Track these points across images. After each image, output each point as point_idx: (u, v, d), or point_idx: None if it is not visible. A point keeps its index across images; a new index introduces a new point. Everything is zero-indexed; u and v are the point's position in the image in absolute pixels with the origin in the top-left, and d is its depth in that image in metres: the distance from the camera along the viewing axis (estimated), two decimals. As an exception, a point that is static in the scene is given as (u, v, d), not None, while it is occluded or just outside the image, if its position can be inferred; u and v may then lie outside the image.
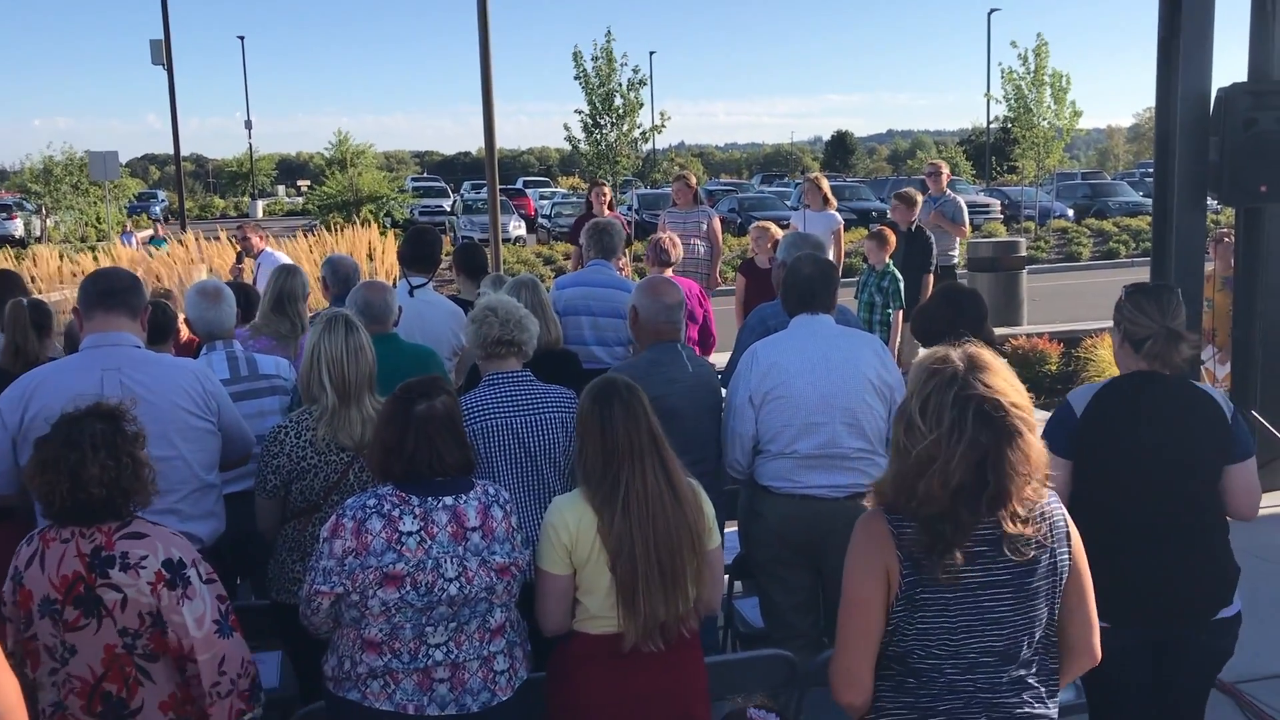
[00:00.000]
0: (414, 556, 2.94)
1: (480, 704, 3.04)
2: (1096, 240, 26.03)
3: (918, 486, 2.37)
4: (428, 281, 5.85)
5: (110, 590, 2.81)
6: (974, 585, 2.40)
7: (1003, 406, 2.35)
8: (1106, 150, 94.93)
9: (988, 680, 2.44)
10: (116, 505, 2.86)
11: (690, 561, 3.11)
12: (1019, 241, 16.41)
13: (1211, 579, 3.43)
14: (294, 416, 3.79)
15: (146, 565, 2.84)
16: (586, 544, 3.07)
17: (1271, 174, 6.82)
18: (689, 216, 9.63)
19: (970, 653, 2.43)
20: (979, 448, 2.32)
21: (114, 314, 3.64)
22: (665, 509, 3.09)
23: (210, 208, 56.87)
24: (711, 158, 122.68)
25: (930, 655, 2.43)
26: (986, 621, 2.42)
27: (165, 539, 2.92)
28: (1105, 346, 10.84)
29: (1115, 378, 3.53)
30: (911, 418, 2.41)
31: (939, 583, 2.38)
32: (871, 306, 8.43)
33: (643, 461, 3.10)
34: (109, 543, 2.84)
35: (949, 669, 2.44)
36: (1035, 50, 26.03)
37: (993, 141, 41.78)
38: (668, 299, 4.35)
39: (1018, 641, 2.45)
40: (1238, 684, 4.57)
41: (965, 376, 2.38)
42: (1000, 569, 2.41)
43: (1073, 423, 3.43)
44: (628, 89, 24.19)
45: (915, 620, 2.42)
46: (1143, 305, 3.47)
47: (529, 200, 41.51)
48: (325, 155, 42.84)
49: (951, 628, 2.41)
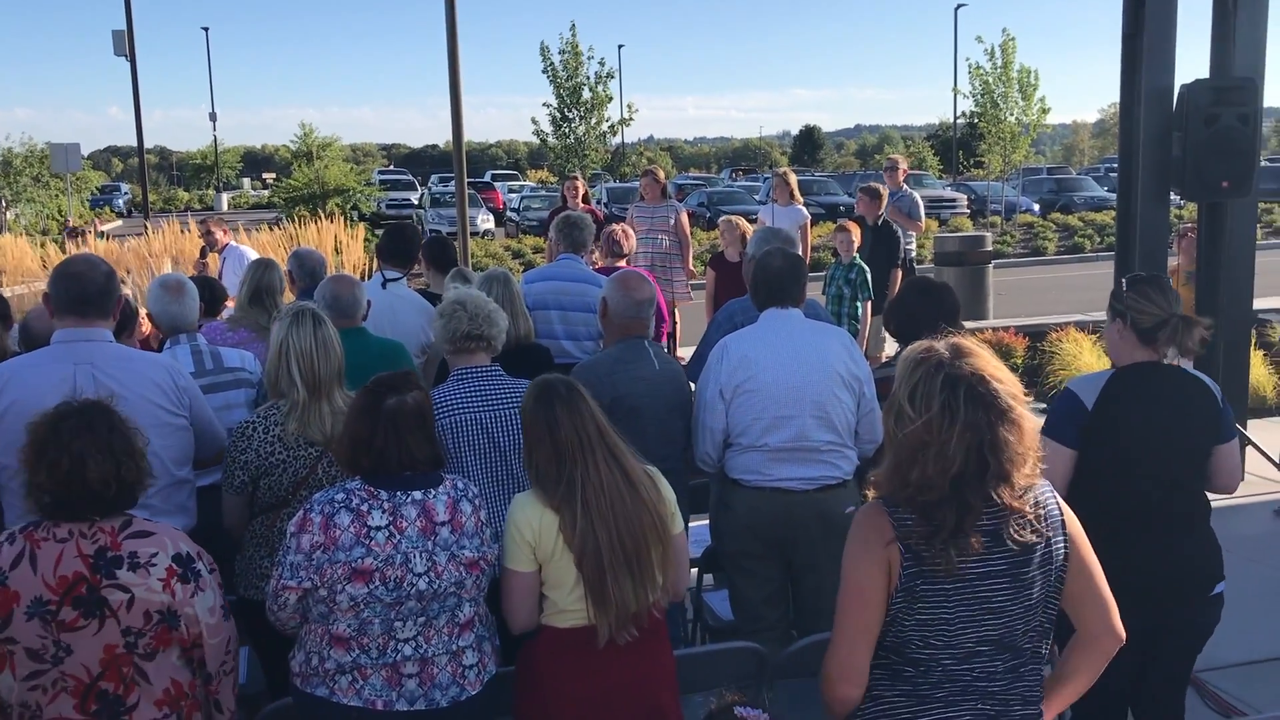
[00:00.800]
0: (383, 551, 2.92)
1: (449, 699, 3.03)
2: (1062, 235, 26.25)
3: (912, 474, 2.36)
4: (402, 276, 5.82)
5: (117, 591, 2.78)
6: (973, 577, 2.40)
7: (992, 385, 2.35)
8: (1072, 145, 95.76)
9: (984, 669, 2.47)
10: (115, 499, 2.82)
11: (655, 548, 3.13)
12: (985, 236, 16.53)
13: (1208, 557, 3.52)
14: (261, 412, 3.76)
15: (157, 562, 2.82)
16: (549, 540, 3.07)
17: (1233, 169, 6.90)
18: (657, 211, 9.63)
19: (967, 642, 2.44)
20: (975, 429, 2.32)
21: (88, 319, 3.62)
22: (623, 499, 3.09)
23: (174, 201, 56.18)
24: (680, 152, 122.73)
25: (928, 645, 2.44)
26: (984, 612, 2.42)
27: (171, 535, 2.91)
28: (1070, 340, 10.93)
29: (1120, 369, 3.52)
30: (900, 406, 2.40)
31: (939, 574, 2.37)
32: (840, 299, 8.46)
33: (594, 455, 3.11)
34: (115, 543, 2.80)
35: (945, 658, 2.45)
36: (1002, 46, 26.22)
37: (959, 137, 42.05)
38: (638, 295, 4.35)
39: (1013, 630, 2.46)
40: (1199, 673, 4.64)
41: (952, 361, 2.38)
42: (998, 559, 2.41)
43: (1083, 415, 3.44)
44: (595, 83, 24.21)
45: (914, 612, 2.42)
46: (1149, 294, 3.50)
47: (498, 194, 41.35)
48: (291, 148, 42.60)
49: (950, 619, 2.41)
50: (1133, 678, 3.56)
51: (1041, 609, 2.49)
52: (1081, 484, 3.45)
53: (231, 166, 71.73)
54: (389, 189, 41.11)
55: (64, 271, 3.65)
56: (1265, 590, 5.75)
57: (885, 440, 2.51)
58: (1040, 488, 2.48)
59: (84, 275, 3.61)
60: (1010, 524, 2.38)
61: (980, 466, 2.34)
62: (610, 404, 4.12)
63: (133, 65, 29.54)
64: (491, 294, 4.91)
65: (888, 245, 9.31)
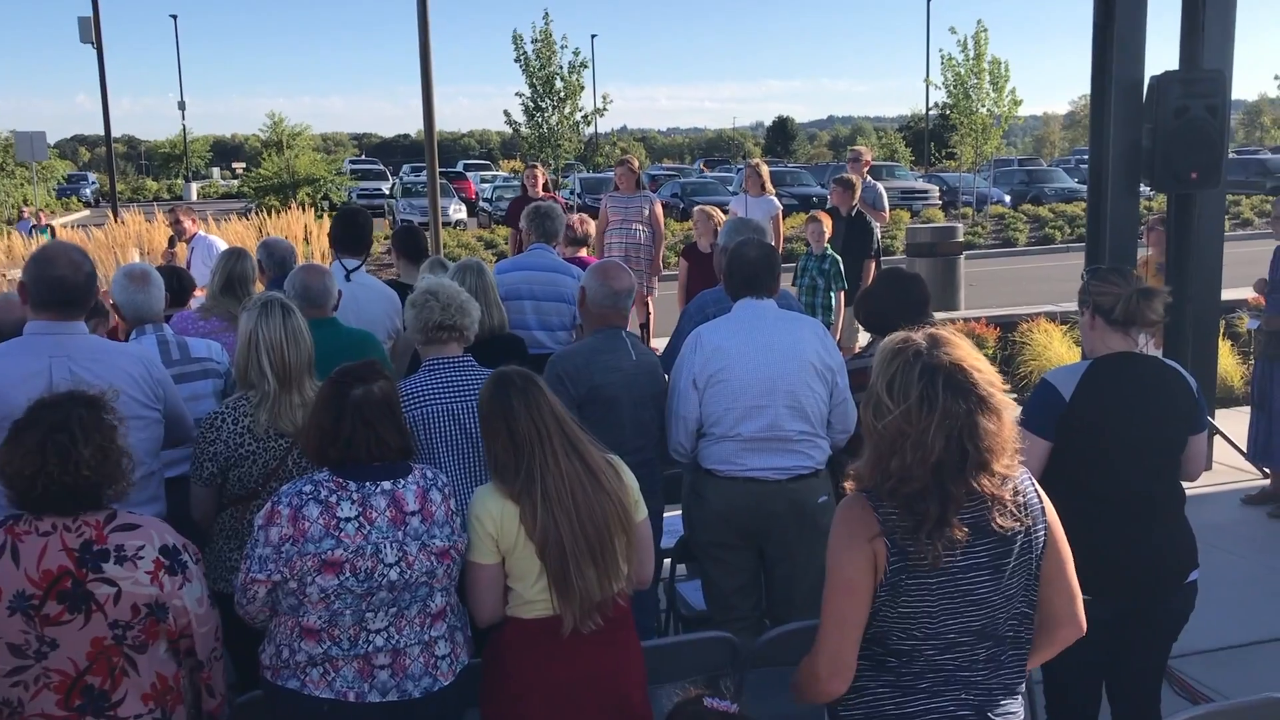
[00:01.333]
0: (353, 542, 2.90)
1: (422, 689, 3.02)
2: (1032, 226, 26.40)
3: (891, 464, 2.36)
4: (361, 264, 5.77)
5: (103, 585, 2.74)
6: (956, 571, 2.40)
7: (971, 374, 2.36)
8: (1042, 137, 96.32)
9: (966, 658, 2.48)
10: (99, 493, 2.79)
11: (619, 536, 3.12)
12: (957, 227, 16.62)
13: (1183, 545, 3.56)
14: (230, 403, 3.72)
15: (144, 555, 2.79)
16: (511, 532, 3.05)
17: (1202, 161, 6.96)
18: (631, 201, 9.62)
19: (949, 633, 2.45)
20: (954, 417, 2.32)
21: (66, 315, 3.59)
22: (584, 488, 3.08)
23: (143, 190, 55.69)
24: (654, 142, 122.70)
25: (910, 637, 2.45)
26: (966, 603, 2.43)
27: (157, 527, 2.89)
28: (1041, 331, 11.01)
29: (1096, 359, 3.54)
30: (879, 397, 2.40)
31: (924, 568, 2.37)
32: (814, 290, 8.49)
33: (551, 445, 3.09)
34: (100, 536, 2.77)
35: (927, 649, 2.46)
36: (975, 37, 26.31)
37: (931, 128, 42.21)
38: (617, 285, 4.34)
39: (995, 619, 2.47)
40: (1170, 659, 4.68)
41: (930, 350, 2.38)
42: (981, 550, 2.42)
43: (1060, 406, 3.46)
44: (569, 72, 24.11)
45: (897, 604, 2.42)
46: (1107, 277, 3.57)
47: (469, 183, 41.23)
48: (261, 137, 42.29)
49: (932, 611, 2.42)
50: (1108, 665, 3.59)
51: (1022, 596, 2.51)
52: (1059, 474, 3.46)
53: (201, 156, 71.19)
54: (360, 178, 40.97)
55: (47, 271, 3.57)
56: (1231, 578, 5.82)
57: (865, 432, 2.49)
58: (1020, 476, 2.48)
59: (67, 279, 3.57)
60: (992, 512, 2.39)
61: (960, 455, 2.34)
62: (587, 393, 4.12)
63: (99, 53, 29.17)
64: (465, 284, 4.88)
65: (861, 236, 9.34)
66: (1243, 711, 3.12)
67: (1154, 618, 3.57)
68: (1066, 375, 3.52)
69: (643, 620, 3.86)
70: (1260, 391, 7.05)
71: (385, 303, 5.52)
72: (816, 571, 3.94)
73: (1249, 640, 5.15)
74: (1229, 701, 3.23)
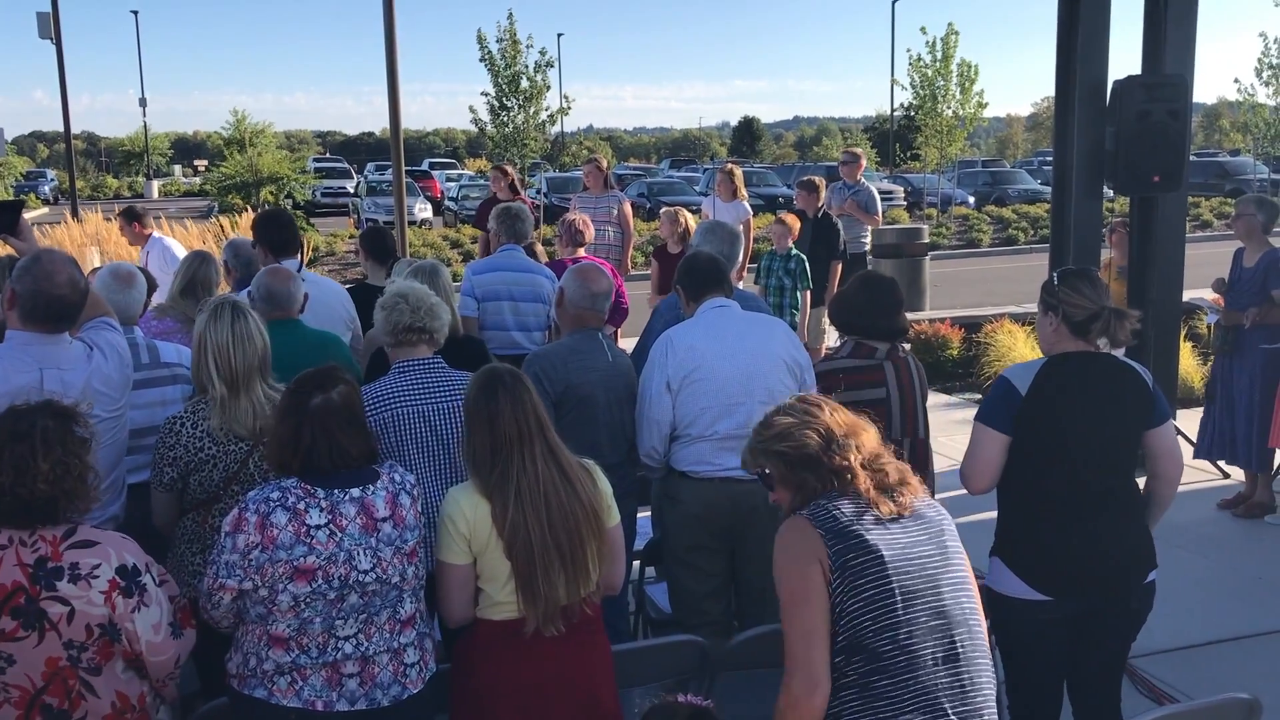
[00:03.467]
0: (325, 549, 2.87)
1: (391, 698, 2.99)
2: (996, 227, 26.62)
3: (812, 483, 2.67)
4: (301, 264, 5.69)
5: (56, 604, 2.67)
6: (898, 546, 2.57)
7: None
8: (1006, 138, 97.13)
9: (944, 649, 2.52)
10: (57, 508, 2.72)
11: (591, 542, 3.12)
12: (922, 228, 16.73)
13: (1142, 544, 3.58)
14: (189, 406, 3.68)
15: (99, 575, 2.71)
16: (484, 532, 3.05)
17: (1164, 164, 7.04)
18: (600, 201, 9.59)
19: (919, 618, 2.51)
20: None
21: (56, 331, 3.52)
22: (558, 493, 3.08)
23: (103, 188, 55.00)
24: (620, 142, 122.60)
25: (881, 632, 2.48)
26: (922, 580, 2.55)
27: (116, 544, 2.80)
28: (1005, 331, 11.10)
29: (1054, 356, 3.56)
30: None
31: (866, 543, 2.54)
32: (781, 290, 8.50)
33: (532, 448, 3.09)
34: (55, 553, 2.70)
35: (903, 636, 2.49)
36: (944, 39, 26.47)
37: (896, 129, 42.44)
38: (596, 287, 4.34)
39: (959, 601, 2.60)
40: (1130, 659, 4.73)
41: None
42: (916, 529, 2.65)
43: (1017, 401, 3.49)
44: (534, 71, 24.02)
45: (857, 591, 2.50)
46: (1080, 288, 3.56)
47: (435, 182, 41.05)
48: (223, 135, 41.84)
49: (892, 590, 2.51)
50: (1068, 664, 3.62)
51: (971, 584, 2.65)
52: (1016, 469, 3.51)
53: (162, 153, 70.28)
54: (324, 177, 40.61)
55: (45, 289, 3.46)
56: (1195, 577, 5.89)
57: (783, 488, 2.78)
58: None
59: (66, 299, 3.50)
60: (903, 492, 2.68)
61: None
62: (563, 393, 4.12)
63: (58, 48, 28.81)
64: None
65: (827, 238, 9.36)
66: (1206, 712, 3.15)
67: (1114, 616, 3.60)
68: (1023, 371, 3.55)
69: (613, 623, 3.85)
70: (1222, 387, 7.11)
71: (337, 299, 5.44)
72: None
73: (1212, 639, 5.21)
74: (1193, 702, 3.26)
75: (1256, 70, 29.78)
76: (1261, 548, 6.42)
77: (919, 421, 4.33)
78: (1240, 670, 4.88)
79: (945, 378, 11.17)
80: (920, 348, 11.35)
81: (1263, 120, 30.49)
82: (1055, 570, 3.46)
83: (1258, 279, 6.78)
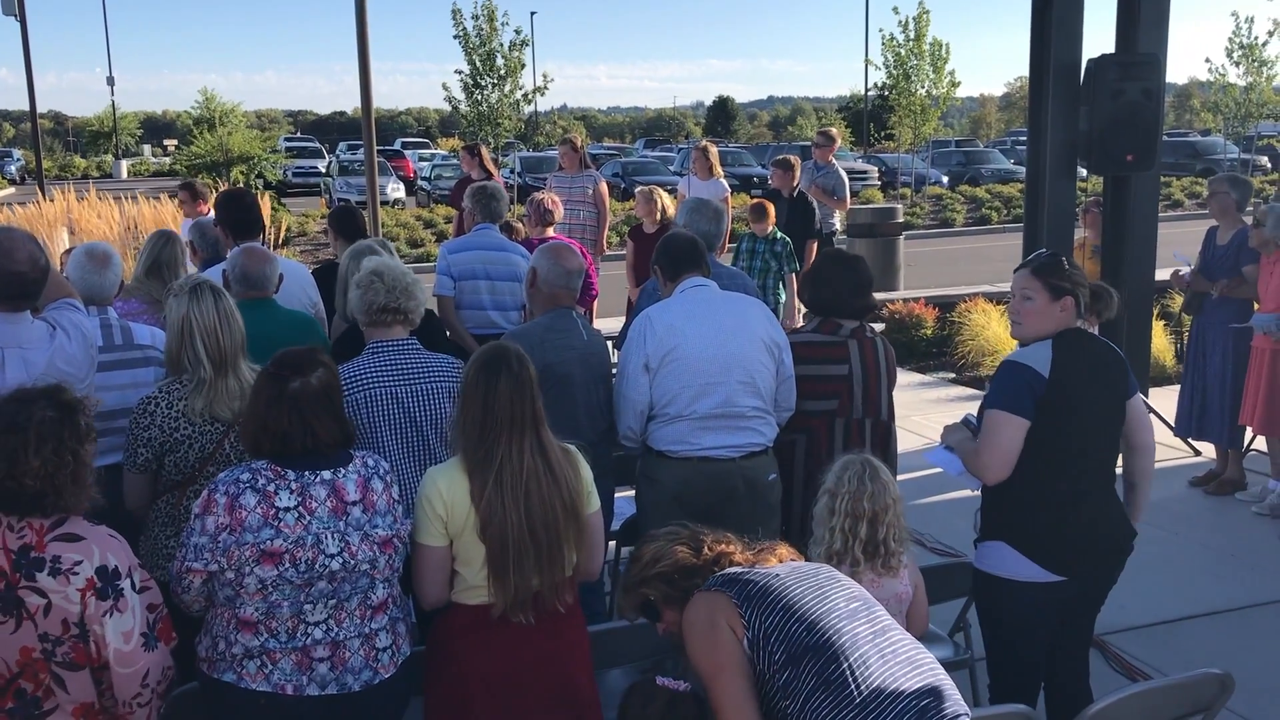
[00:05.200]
0: (293, 533, 2.84)
1: (362, 683, 2.96)
2: (970, 207, 26.71)
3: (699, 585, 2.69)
4: (262, 245, 5.61)
5: (34, 595, 2.63)
6: (787, 569, 2.67)
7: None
8: (979, 118, 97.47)
9: (868, 630, 2.52)
10: (45, 502, 2.66)
11: (568, 531, 3.10)
12: (896, 208, 16.77)
13: (1126, 520, 3.63)
14: (163, 387, 3.63)
15: (79, 571, 2.66)
16: (461, 513, 3.02)
17: (1137, 143, 7.07)
18: (575, 181, 9.54)
19: (838, 603, 2.54)
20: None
21: (19, 308, 3.48)
22: (540, 486, 3.05)
23: (71, 167, 54.27)
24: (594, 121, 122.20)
25: (815, 624, 2.47)
26: (822, 578, 2.64)
27: (102, 542, 2.73)
28: (979, 311, 11.14)
29: (1058, 335, 3.52)
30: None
31: (760, 574, 2.61)
32: (766, 271, 8.47)
33: (521, 438, 3.05)
34: (40, 543, 2.64)
35: (836, 619, 2.49)
36: (916, 19, 26.47)
37: (870, 109, 42.45)
38: (569, 265, 4.32)
39: (862, 592, 2.67)
40: (1104, 635, 4.77)
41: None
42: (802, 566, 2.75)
43: (1040, 384, 3.44)
44: (509, 49, 23.87)
45: (773, 607, 2.52)
46: (1078, 267, 3.62)
47: (408, 162, 40.73)
48: (193, 114, 41.35)
49: (802, 593, 2.54)
50: (1052, 643, 3.64)
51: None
52: (1029, 452, 3.46)
53: (131, 133, 69.44)
54: (295, 156, 40.27)
55: (4, 265, 3.42)
56: (1165, 554, 5.94)
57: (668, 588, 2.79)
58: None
59: (26, 276, 3.46)
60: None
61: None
62: (541, 372, 4.08)
63: (23, 25, 28.33)
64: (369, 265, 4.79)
65: (803, 217, 9.35)
66: (1180, 687, 3.17)
67: (1095, 592, 3.65)
68: (1036, 354, 3.49)
69: (589, 603, 3.84)
70: (1195, 366, 7.15)
71: (298, 283, 5.35)
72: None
73: (1184, 615, 5.26)
74: (1166, 678, 3.29)
75: (1227, 50, 29.98)
76: (1232, 524, 6.49)
77: (882, 403, 4.32)
78: (1213, 646, 4.93)
79: (919, 357, 11.21)
80: (894, 327, 11.38)
81: (1233, 100, 30.68)
82: (1068, 550, 3.48)
83: (1231, 256, 6.82)
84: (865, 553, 3.33)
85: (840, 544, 3.34)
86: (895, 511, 3.38)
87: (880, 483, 3.36)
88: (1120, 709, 3.05)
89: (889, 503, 3.36)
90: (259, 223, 5.61)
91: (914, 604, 3.45)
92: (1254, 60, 29.71)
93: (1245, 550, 6.05)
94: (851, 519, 3.34)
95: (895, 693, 2.39)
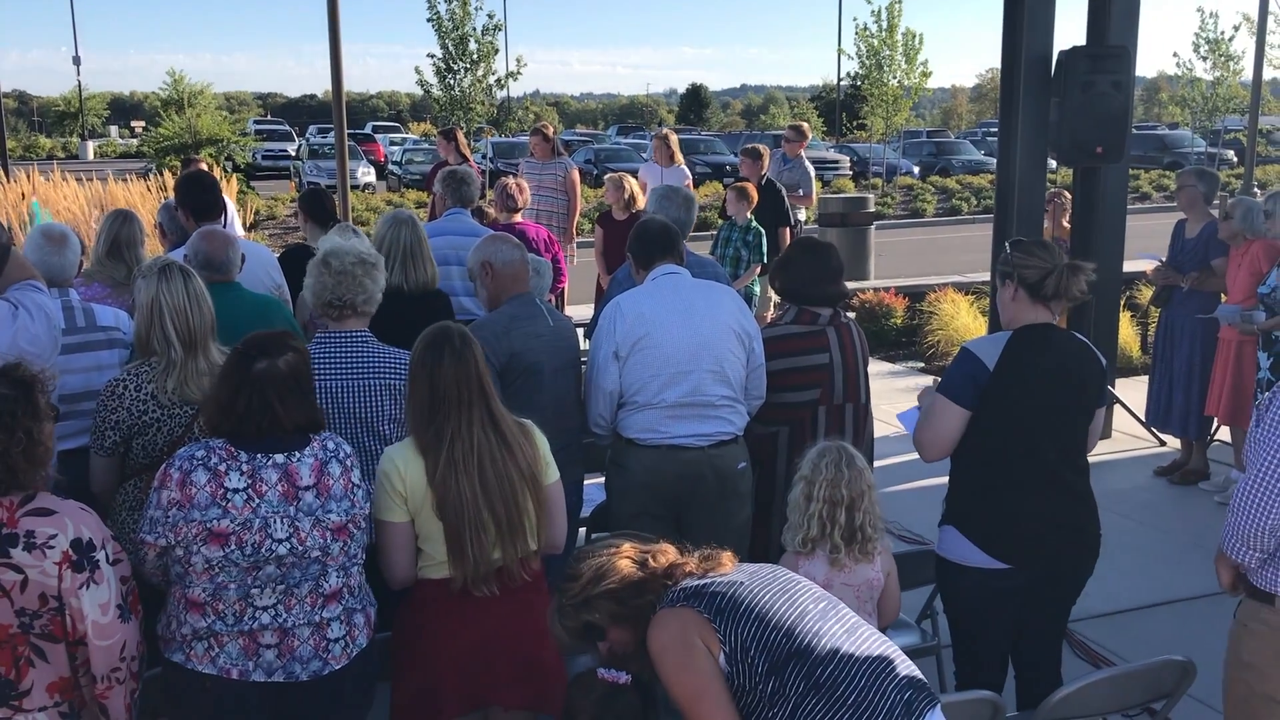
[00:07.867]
0: (240, 514, 2.81)
1: (310, 672, 2.92)
2: (940, 197, 26.83)
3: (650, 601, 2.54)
4: (225, 227, 5.54)
5: (10, 571, 2.59)
6: (747, 572, 2.59)
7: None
8: (950, 109, 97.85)
9: (840, 628, 2.50)
10: (21, 478, 2.62)
11: (528, 506, 3.11)
12: (867, 198, 16.80)
13: (1094, 516, 3.64)
14: (131, 369, 3.58)
15: (54, 545, 2.62)
16: (419, 489, 3.04)
17: (1107, 136, 7.11)
18: (546, 168, 9.50)
19: (805, 603, 2.51)
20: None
21: None
22: (495, 460, 3.07)
23: (36, 148, 53.54)
24: (567, 107, 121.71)
25: (791, 632, 2.43)
26: (785, 580, 2.57)
27: (75, 515, 2.70)
28: (949, 301, 11.20)
29: (1018, 330, 3.54)
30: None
31: (724, 583, 2.51)
32: (737, 261, 8.48)
33: (470, 412, 3.07)
34: (11, 519, 2.61)
35: (810, 622, 2.47)
36: (889, 8, 26.53)
37: (843, 99, 42.55)
38: (519, 250, 4.31)
39: (826, 594, 2.64)
40: (1069, 623, 4.81)
41: None
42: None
43: (984, 376, 3.46)
44: (483, 34, 23.73)
45: (746, 616, 2.43)
46: (1032, 250, 3.57)
47: (379, 146, 40.50)
48: (161, 95, 40.90)
49: (771, 598, 2.48)
50: (1015, 630, 3.66)
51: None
52: (975, 440, 3.50)
53: (97, 113, 68.64)
54: (265, 139, 39.85)
55: None
56: (1129, 543, 6.00)
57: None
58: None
59: None
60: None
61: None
62: (508, 361, 4.07)
63: (-13, 3, 27.89)
64: (401, 238, 4.79)
65: (774, 204, 9.34)
66: (1142, 674, 3.21)
67: (1064, 585, 3.66)
68: (989, 345, 3.53)
69: (558, 584, 3.82)
70: (1162, 357, 7.22)
71: (263, 266, 5.28)
72: (733, 535, 3.99)
73: (1147, 603, 5.32)
74: (1129, 664, 3.32)
75: (1194, 45, 30.26)
76: (1196, 514, 6.56)
77: (860, 386, 4.35)
78: (1175, 633, 4.99)
79: (889, 346, 11.26)
80: (864, 316, 11.42)
81: (1200, 95, 30.98)
82: (1012, 539, 3.49)
83: (1199, 249, 6.89)
84: (843, 538, 3.35)
85: (817, 530, 3.36)
86: (870, 498, 3.41)
87: (856, 469, 3.39)
88: (1084, 695, 3.09)
89: (864, 489, 3.39)
90: (220, 204, 5.51)
91: (886, 591, 3.48)
92: (1220, 55, 30.01)
93: (1208, 539, 6.11)
94: (829, 505, 3.36)
95: (881, 688, 2.39)
